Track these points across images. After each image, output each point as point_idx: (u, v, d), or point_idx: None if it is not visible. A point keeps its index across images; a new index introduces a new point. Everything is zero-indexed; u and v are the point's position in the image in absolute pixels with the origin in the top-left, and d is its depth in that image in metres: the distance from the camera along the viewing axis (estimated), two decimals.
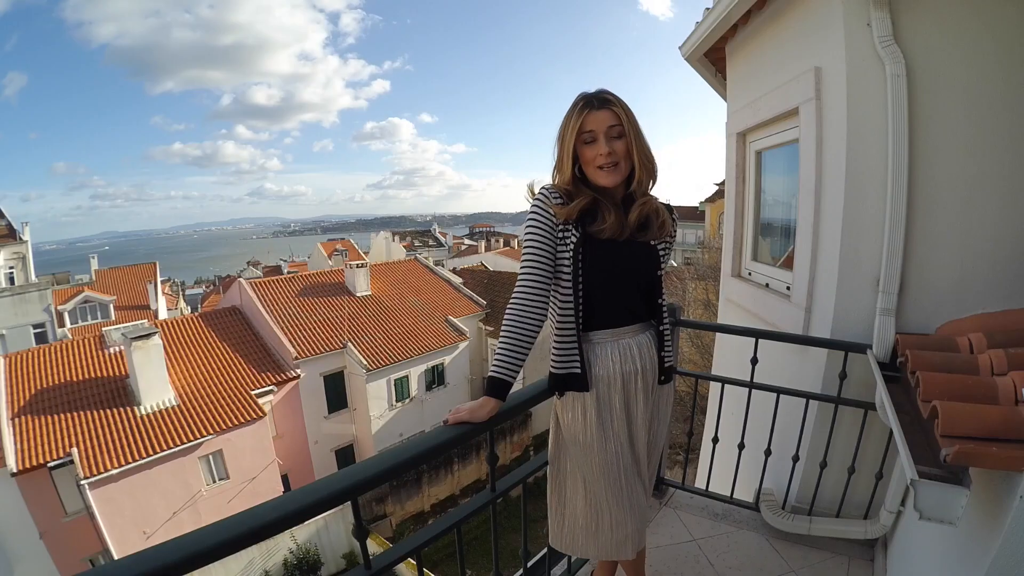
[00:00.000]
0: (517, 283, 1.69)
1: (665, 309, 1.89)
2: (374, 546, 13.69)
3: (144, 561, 0.98)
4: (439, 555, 14.49)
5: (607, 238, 1.68)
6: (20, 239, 25.49)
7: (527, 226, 1.70)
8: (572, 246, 1.66)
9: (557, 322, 1.76)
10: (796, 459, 2.87)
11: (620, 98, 1.65)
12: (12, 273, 24.57)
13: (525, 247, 1.69)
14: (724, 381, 3.06)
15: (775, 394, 2.83)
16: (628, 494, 1.79)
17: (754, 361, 2.85)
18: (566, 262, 1.68)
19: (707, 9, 3.67)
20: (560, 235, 1.68)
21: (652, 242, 1.77)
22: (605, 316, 1.76)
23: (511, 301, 1.68)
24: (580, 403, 1.76)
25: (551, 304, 1.75)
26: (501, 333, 1.68)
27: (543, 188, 1.72)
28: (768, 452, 2.94)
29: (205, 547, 1.06)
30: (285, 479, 17.15)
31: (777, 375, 2.89)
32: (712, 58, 4.37)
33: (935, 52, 2.32)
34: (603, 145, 1.62)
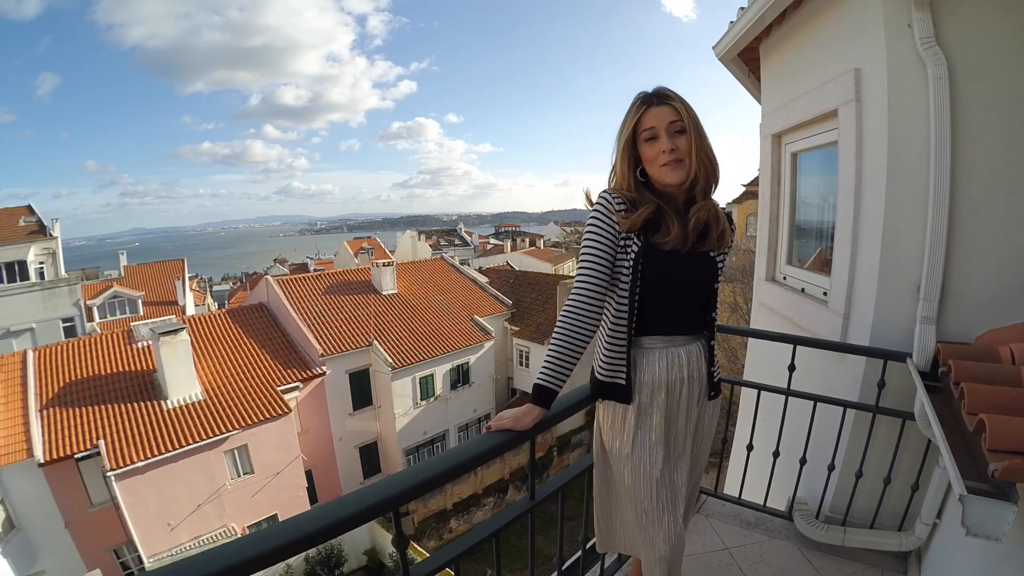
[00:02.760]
0: (572, 290, 1.65)
1: (715, 323, 1.83)
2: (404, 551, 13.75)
3: (180, 573, 0.98)
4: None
5: (669, 250, 1.63)
6: (50, 235, 26.17)
7: (587, 233, 1.65)
8: (633, 256, 1.62)
9: (609, 329, 1.72)
10: (832, 468, 2.81)
11: (679, 95, 1.59)
12: (42, 268, 25.25)
13: (583, 254, 1.65)
14: (761, 388, 3.01)
15: (812, 402, 2.78)
16: (660, 505, 1.73)
17: (791, 368, 2.80)
18: (625, 271, 1.63)
19: (741, 8, 3.62)
20: (621, 243, 1.63)
21: (711, 253, 1.70)
22: (659, 325, 1.72)
23: (564, 308, 1.65)
24: (620, 409, 1.74)
25: (606, 310, 1.71)
26: (551, 340, 1.65)
27: (604, 193, 1.66)
28: (803, 461, 2.89)
29: (242, 559, 1.05)
30: (309, 475, 17.38)
31: (812, 382, 2.84)
32: (745, 58, 4.30)
33: (977, 54, 2.26)
34: (665, 141, 1.57)
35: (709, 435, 1.89)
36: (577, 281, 1.65)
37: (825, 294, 3.22)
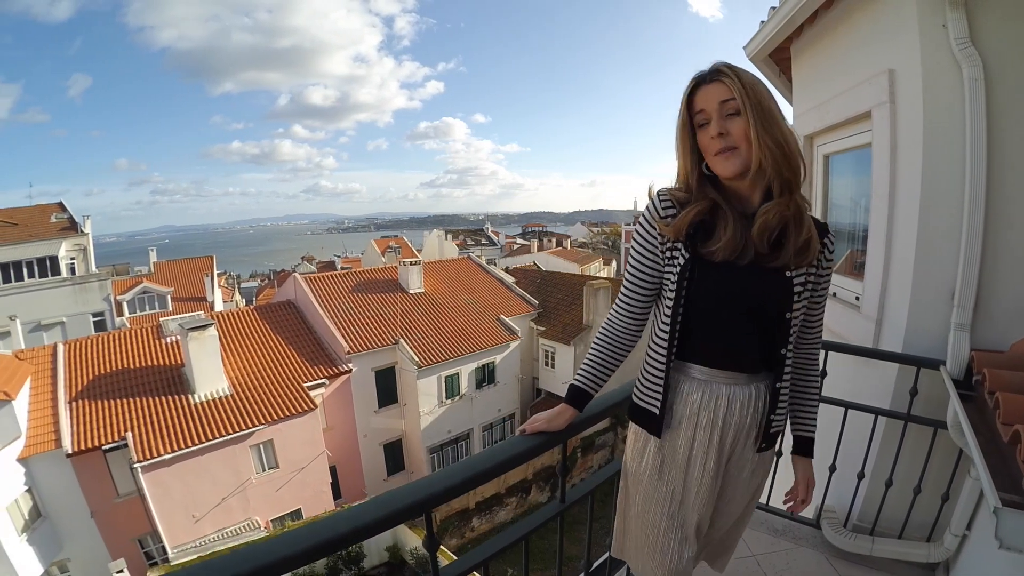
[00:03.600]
0: (616, 298, 1.56)
1: (789, 363, 1.47)
2: (435, 552, 13.82)
3: (212, 570, 1.01)
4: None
5: (721, 260, 1.37)
6: (81, 231, 26.80)
7: (631, 240, 1.52)
8: (679, 268, 1.41)
9: (649, 347, 1.54)
10: (861, 476, 2.76)
11: (738, 69, 1.31)
12: (73, 264, 25.86)
13: (627, 262, 1.52)
14: None
15: (843, 408, 2.74)
16: (665, 542, 1.59)
17: (823, 374, 2.75)
18: (670, 285, 1.44)
19: (772, 8, 3.57)
20: (667, 253, 1.43)
21: (788, 272, 1.36)
22: (704, 353, 1.48)
23: (608, 315, 1.58)
24: (644, 435, 1.59)
25: (653, 324, 1.55)
26: (591, 343, 1.60)
27: (657, 193, 1.45)
28: (833, 468, 2.84)
29: (275, 559, 1.05)
30: (333, 470, 17.57)
31: (843, 388, 2.79)
32: (776, 58, 4.25)
33: (1013, 55, 2.20)
34: (715, 125, 1.31)
35: (749, 488, 1.62)
36: (621, 289, 1.54)
37: (857, 299, 3.18)
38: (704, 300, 1.40)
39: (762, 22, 3.79)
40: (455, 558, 1.46)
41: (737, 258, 1.35)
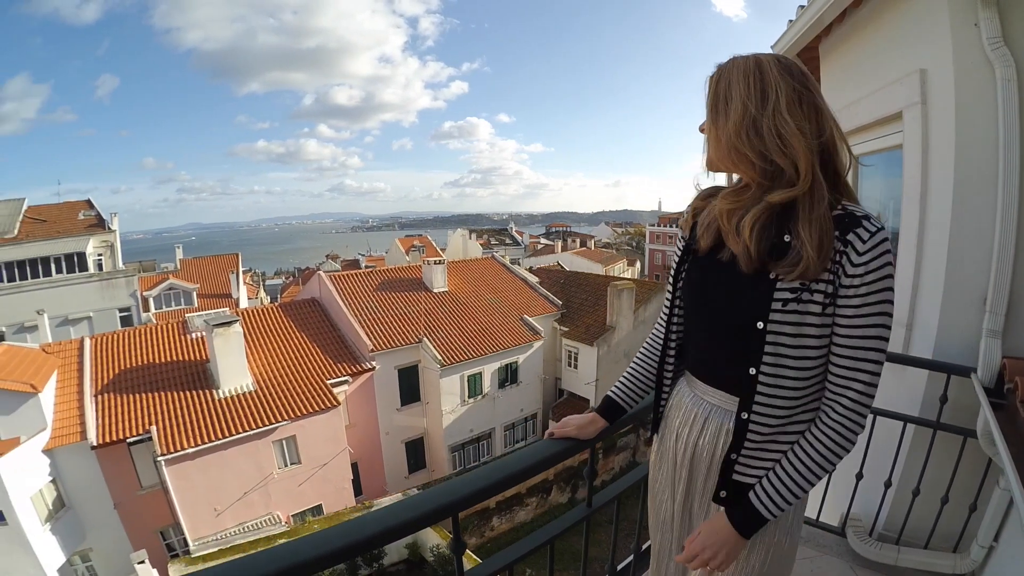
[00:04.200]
0: None
1: (769, 391, 1.21)
2: (461, 555, 13.91)
3: (239, 570, 1.02)
4: (498, 550, 14.54)
5: (703, 252, 1.33)
6: (109, 228, 27.45)
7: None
8: (678, 260, 1.43)
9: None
10: (888, 485, 2.71)
11: (725, 64, 1.23)
12: (101, 260, 26.47)
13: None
14: None
15: (872, 415, 2.68)
16: (659, 549, 1.60)
17: None
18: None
19: (800, 7, 3.52)
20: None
21: (776, 275, 1.17)
22: (689, 356, 1.44)
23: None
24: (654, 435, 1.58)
25: None
26: (634, 357, 1.63)
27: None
28: (860, 476, 2.79)
29: (302, 560, 1.06)
30: (355, 467, 17.74)
31: None
32: (804, 58, 4.18)
33: None
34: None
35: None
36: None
37: None
38: (683, 295, 1.41)
39: (790, 21, 3.74)
40: (479, 560, 1.46)
41: (721, 254, 1.28)
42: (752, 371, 1.22)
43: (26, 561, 12.64)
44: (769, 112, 1.15)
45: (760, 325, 1.19)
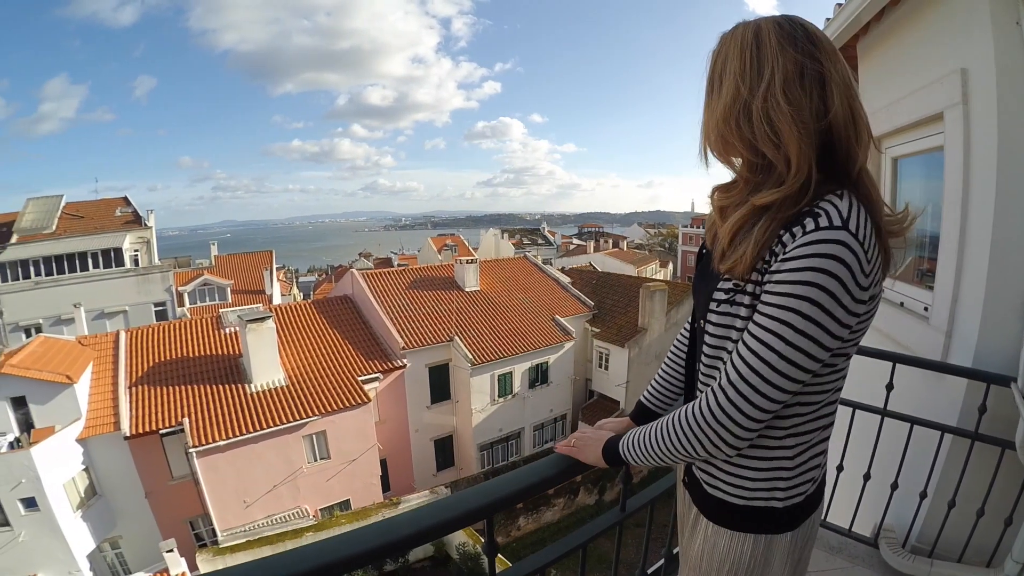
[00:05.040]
0: None
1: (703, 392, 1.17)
2: (494, 557, 13.98)
3: (270, 568, 1.02)
4: (525, 552, 14.54)
5: (708, 251, 1.26)
6: (145, 225, 28.36)
7: None
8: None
9: None
10: (923, 496, 2.64)
11: (737, 28, 1.11)
12: (137, 256, 27.31)
13: None
14: (855, 406, 2.83)
15: (908, 424, 2.62)
16: None
17: (889, 387, 2.64)
18: None
19: (838, 5, 3.45)
20: None
21: (720, 272, 1.14)
22: None
23: None
24: None
25: None
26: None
27: None
28: (895, 486, 2.73)
29: (334, 559, 1.06)
30: (384, 463, 17.92)
31: (908, 403, 2.67)
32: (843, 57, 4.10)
33: None
34: None
35: (687, 557, 1.43)
36: None
37: (926, 309, 3.03)
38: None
39: (827, 20, 3.66)
40: (509, 564, 1.45)
41: (710, 245, 1.23)
42: (697, 367, 1.26)
43: (56, 546, 13.09)
44: (760, 93, 1.04)
45: (700, 323, 1.22)
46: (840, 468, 2.98)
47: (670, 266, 56.87)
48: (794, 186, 1.02)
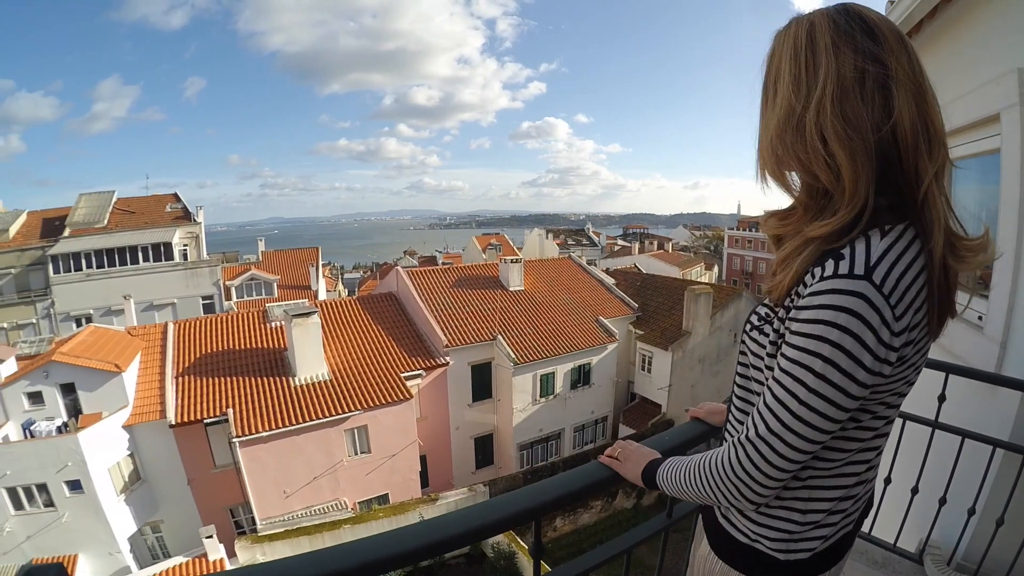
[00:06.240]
0: None
1: (730, 420, 1.25)
2: (539, 560, 14.01)
3: (320, 562, 1.02)
4: (560, 553, 14.51)
5: None
6: (194, 220, 29.45)
7: None
8: None
9: None
10: (972, 512, 2.53)
11: (791, 25, 1.00)
12: (186, 250, 28.40)
13: None
14: (907, 417, 2.73)
15: (959, 437, 2.52)
16: None
17: (941, 399, 2.54)
18: None
19: (890, 2, 3.34)
20: None
21: (763, 303, 1.13)
22: None
23: None
24: None
25: None
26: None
27: None
28: (943, 501, 2.63)
29: (382, 556, 1.06)
30: (423, 459, 18.14)
31: (960, 415, 2.57)
32: None
33: None
34: None
35: None
36: None
37: (981, 318, 2.91)
38: None
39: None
40: (549, 569, 1.44)
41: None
42: (735, 418, 1.22)
43: (99, 528, 13.73)
44: (813, 105, 0.93)
45: (743, 360, 1.18)
46: (888, 481, 2.89)
47: (715, 269, 55.90)
48: (847, 216, 0.92)
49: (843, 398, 0.91)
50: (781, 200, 1.09)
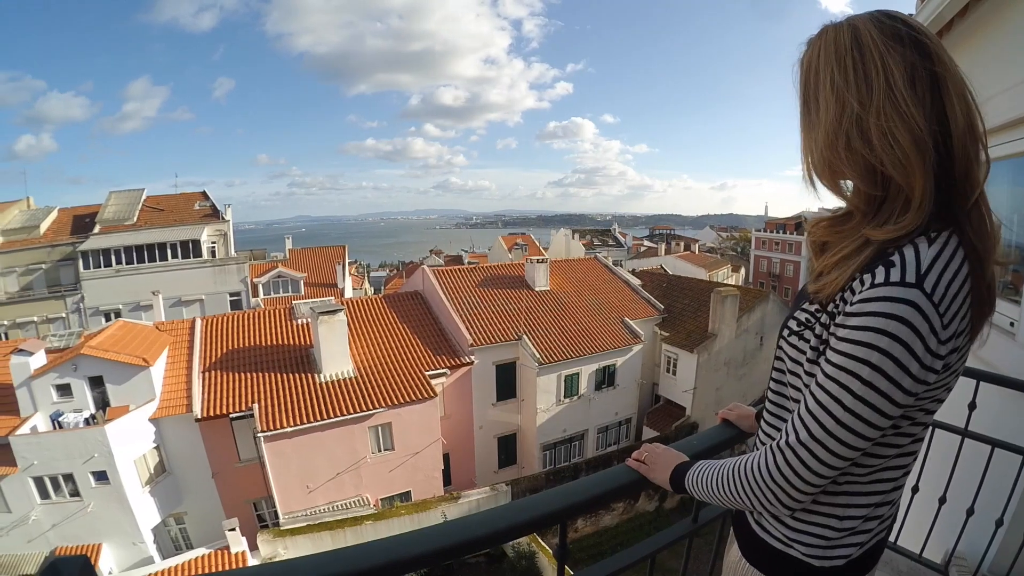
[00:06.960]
0: None
1: (762, 427, 1.26)
2: (564, 563, 13.99)
3: (346, 560, 1.02)
4: (581, 555, 14.46)
5: None
6: (223, 218, 30.00)
7: None
8: None
9: None
10: (999, 523, 2.47)
11: (826, 31, 1.00)
12: (214, 247, 28.94)
13: None
14: (935, 425, 2.64)
15: (988, 446, 2.45)
16: None
17: (972, 406, 2.48)
18: None
19: (920, 1, 3.27)
20: None
21: (810, 292, 1.07)
22: None
23: None
24: None
25: None
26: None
27: None
28: (971, 511, 2.56)
29: (407, 556, 1.05)
30: (446, 458, 18.24)
31: (989, 423, 2.50)
32: None
33: None
34: None
35: None
36: None
37: (1012, 325, 2.84)
38: None
39: (910, 15, 3.49)
40: (571, 572, 1.44)
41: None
42: (765, 396, 1.22)
43: (123, 518, 14.10)
44: (874, 107, 0.91)
45: (778, 364, 1.18)
46: (915, 489, 2.83)
47: (742, 271, 55.16)
48: (916, 221, 0.91)
49: (888, 406, 0.92)
50: (810, 202, 1.12)
